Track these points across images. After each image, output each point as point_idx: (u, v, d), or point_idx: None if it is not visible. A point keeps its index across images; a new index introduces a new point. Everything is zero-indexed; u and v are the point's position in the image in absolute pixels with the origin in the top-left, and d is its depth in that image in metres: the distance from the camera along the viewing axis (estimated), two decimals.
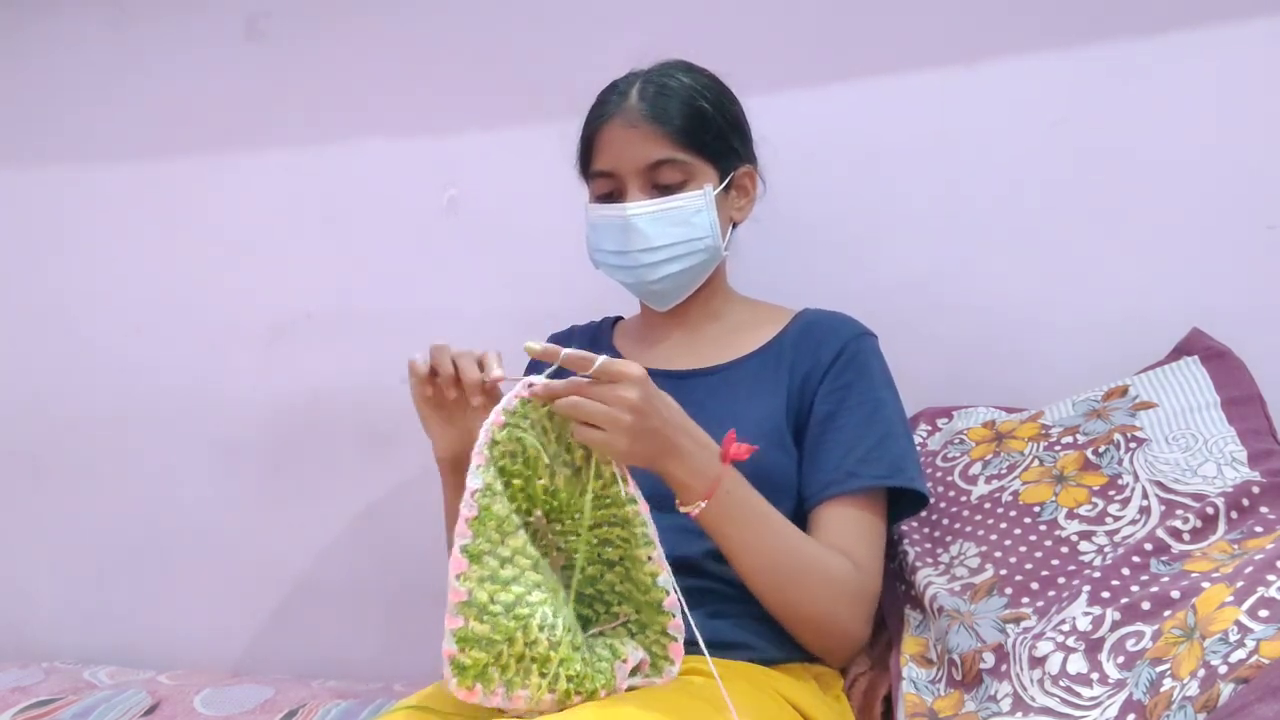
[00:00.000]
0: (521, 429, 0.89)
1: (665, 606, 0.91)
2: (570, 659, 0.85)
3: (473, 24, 1.59)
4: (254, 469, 1.69)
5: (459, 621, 0.84)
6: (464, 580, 0.84)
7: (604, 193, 1.16)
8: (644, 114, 1.11)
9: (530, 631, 0.84)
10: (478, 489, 0.87)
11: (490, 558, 0.86)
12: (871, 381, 1.13)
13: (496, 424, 0.89)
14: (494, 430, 0.89)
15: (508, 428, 0.89)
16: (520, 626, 0.84)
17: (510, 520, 0.87)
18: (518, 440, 0.89)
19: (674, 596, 0.91)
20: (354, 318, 1.65)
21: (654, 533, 0.92)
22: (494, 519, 0.86)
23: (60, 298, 1.79)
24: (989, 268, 1.38)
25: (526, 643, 0.84)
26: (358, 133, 1.64)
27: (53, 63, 1.78)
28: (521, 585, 0.86)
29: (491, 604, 0.84)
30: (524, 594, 0.85)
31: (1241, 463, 1.03)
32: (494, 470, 0.88)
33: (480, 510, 0.86)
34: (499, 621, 0.84)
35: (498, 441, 0.88)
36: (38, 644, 1.76)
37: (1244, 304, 1.28)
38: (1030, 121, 1.37)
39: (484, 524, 0.86)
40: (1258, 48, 1.29)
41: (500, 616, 0.84)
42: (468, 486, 0.87)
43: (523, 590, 0.85)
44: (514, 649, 0.84)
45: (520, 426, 0.89)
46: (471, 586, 0.84)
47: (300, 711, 1.28)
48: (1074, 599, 0.95)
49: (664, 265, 1.14)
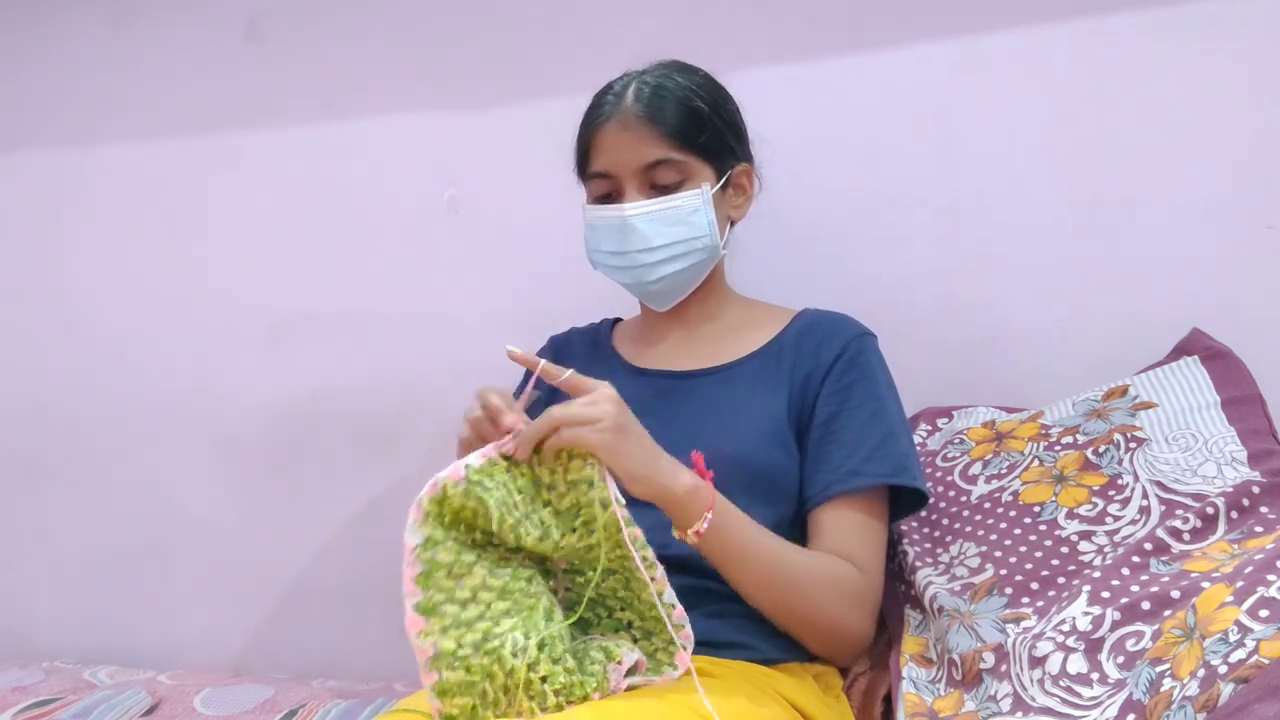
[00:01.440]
0: (485, 487, 0.86)
1: (675, 619, 0.90)
2: (553, 674, 0.85)
3: (473, 24, 1.59)
4: (254, 469, 1.69)
5: (434, 676, 0.83)
6: (425, 636, 0.83)
7: (602, 194, 1.16)
8: (640, 115, 1.11)
9: (505, 662, 0.83)
10: (417, 544, 0.84)
11: (448, 605, 0.84)
12: (873, 381, 1.13)
13: (452, 479, 0.85)
14: (447, 485, 0.85)
15: (471, 485, 0.85)
16: (494, 660, 0.83)
17: (459, 563, 0.85)
18: (478, 499, 0.85)
19: (680, 609, 0.90)
20: (354, 318, 1.65)
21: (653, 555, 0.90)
22: (441, 568, 0.84)
23: (60, 298, 1.79)
24: (989, 267, 1.38)
25: (505, 673, 0.83)
26: (357, 132, 1.64)
27: (53, 63, 1.79)
28: (487, 620, 0.85)
29: (459, 649, 0.83)
30: (490, 627, 0.84)
31: (1241, 463, 1.03)
32: (431, 522, 0.85)
33: (425, 565, 0.84)
34: (471, 662, 0.83)
35: (449, 497, 0.85)
36: (38, 644, 1.76)
37: (1244, 304, 1.28)
38: (1030, 121, 1.37)
39: (431, 577, 0.84)
40: (1258, 47, 1.29)
41: (471, 657, 0.83)
42: (406, 544, 0.84)
43: (488, 624, 0.84)
44: (496, 683, 0.84)
45: (484, 484, 0.86)
46: (435, 639, 0.83)
47: (300, 711, 1.28)
48: (1074, 599, 0.95)
49: (662, 265, 1.14)
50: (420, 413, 1.61)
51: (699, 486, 0.95)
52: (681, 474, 0.95)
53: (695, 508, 0.95)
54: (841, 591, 1.03)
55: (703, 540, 0.96)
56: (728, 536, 0.97)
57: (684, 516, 0.95)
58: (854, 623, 1.04)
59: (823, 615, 1.02)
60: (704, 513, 0.95)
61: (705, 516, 0.94)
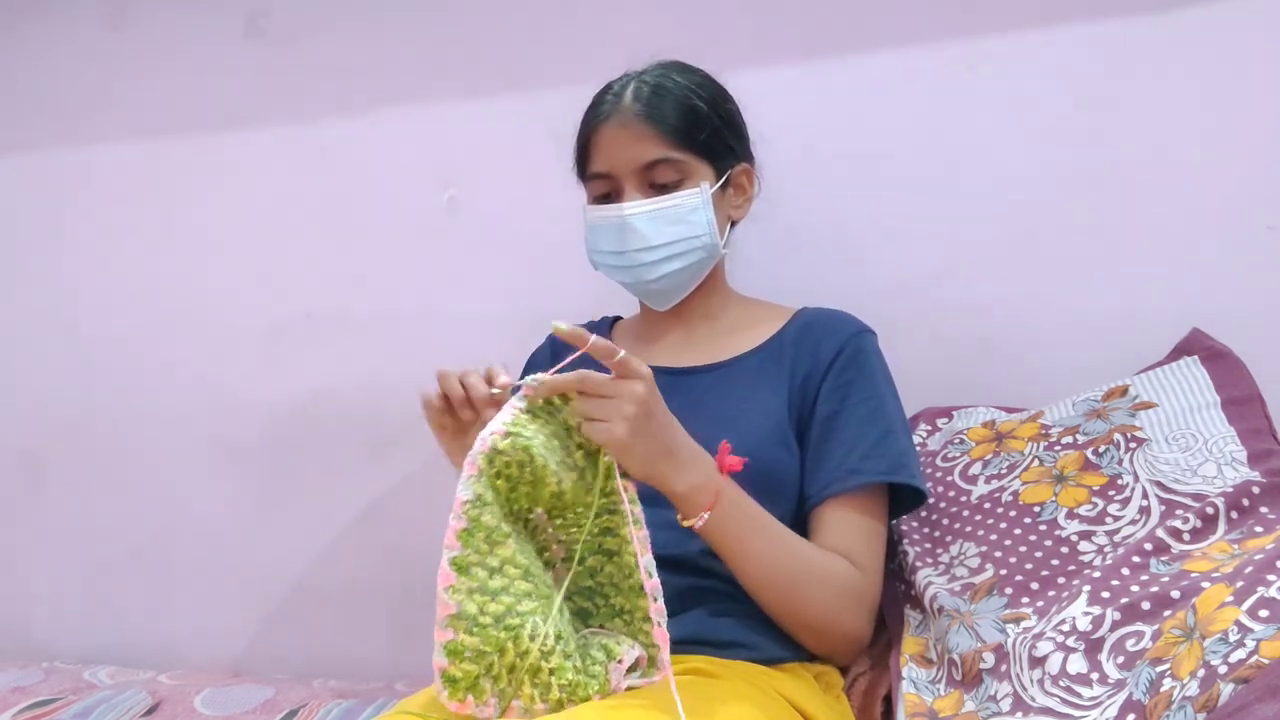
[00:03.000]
0: (525, 437, 0.87)
1: (646, 589, 0.89)
2: (562, 668, 0.84)
3: (472, 24, 1.59)
4: (254, 469, 1.69)
5: (449, 634, 0.83)
6: (453, 593, 0.83)
7: (601, 194, 1.16)
8: (639, 114, 1.11)
9: (521, 642, 0.83)
10: (468, 500, 0.85)
11: (479, 569, 0.84)
12: (873, 379, 1.13)
13: (498, 433, 0.87)
14: (495, 440, 0.86)
15: (511, 436, 0.87)
16: (511, 637, 0.83)
17: (499, 530, 0.86)
18: (524, 449, 0.87)
19: (655, 580, 0.89)
20: (354, 318, 1.65)
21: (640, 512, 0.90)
22: (483, 530, 0.85)
23: (61, 298, 1.79)
24: (989, 268, 1.38)
25: (518, 653, 0.83)
26: (358, 132, 1.64)
27: (52, 62, 1.79)
28: (511, 595, 0.85)
29: (481, 615, 0.83)
30: (513, 604, 0.84)
31: (1241, 463, 1.03)
32: (485, 480, 0.86)
33: (470, 522, 0.85)
34: (489, 633, 0.83)
35: (500, 450, 0.86)
36: (38, 644, 1.76)
37: (1244, 304, 1.28)
38: (1030, 122, 1.37)
39: (473, 535, 0.85)
40: (1258, 47, 1.29)
41: (490, 628, 0.83)
42: (457, 497, 0.85)
43: (512, 600, 0.84)
44: (505, 660, 0.83)
45: (524, 435, 0.87)
46: (461, 599, 0.83)
47: (300, 711, 1.28)
48: (1074, 599, 0.95)
49: (662, 264, 1.14)
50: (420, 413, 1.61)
51: (702, 486, 0.95)
52: (686, 474, 0.95)
53: (694, 504, 0.96)
54: (841, 589, 1.03)
55: (703, 531, 0.97)
56: (731, 532, 0.98)
57: (684, 510, 0.97)
58: (853, 621, 1.04)
59: (821, 613, 1.02)
60: (701, 511, 0.96)
61: (701, 515, 0.96)
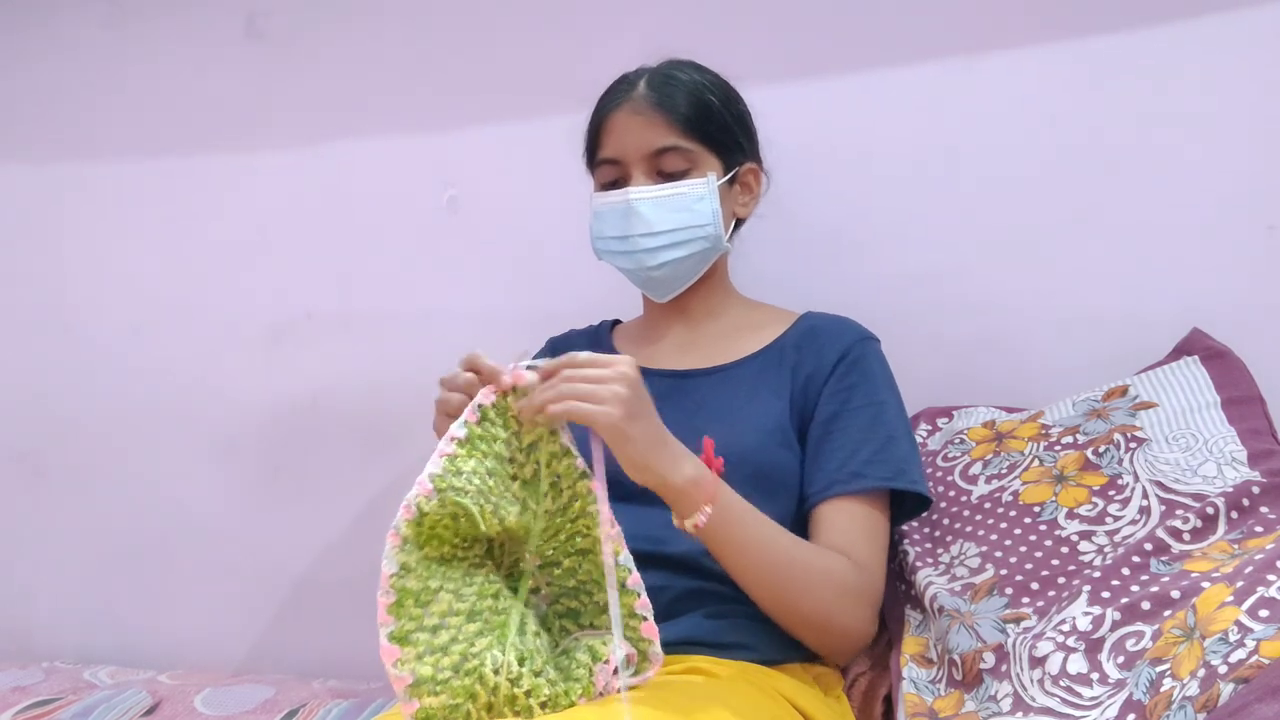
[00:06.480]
0: (456, 489, 0.84)
1: (629, 585, 0.87)
2: (537, 687, 0.84)
3: (472, 24, 1.59)
4: (254, 469, 1.69)
5: (414, 705, 0.82)
6: (402, 665, 0.82)
7: (609, 180, 1.16)
8: (651, 101, 1.13)
9: (487, 680, 0.82)
10: (392, 574, 0.83)
11: (419, 634, 0.83)
12: (875, 384, 1.13)
13: (424, 494, 0.83)
14: (420, 503, 0.83)
15: (440, 494, 0.83)
16: (476, 679, 0.82)
17: (426, 590, 0.84)
18: (454, 504, 0.84)
19: (636, 574, 0.87)
20: (354, 318, 1.65)
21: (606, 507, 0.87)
22: (410, 596, 0.83)
23: (60, 298, 1.79)
24: (989, 268, 1.38)
25: (488, 691, 0.82)
26: (358, 132, 1.64)
27: (51, 62, 1.78)
28: (461, 642, 0.83)
29: (439, 674, 0.82)
30: (466, 648, 0.83)
31: (1241, 463, 1.03)
32: (410, 547, 0.84)
33: (397, 594, 0.83)
34: (452, 685, 0.82)
35: (426, 514, 0.83)
36: (38, 644, 1.76)
37: (1244, 304, 1.28)
38: (1030, 121, 1.37)
39: (402, 606, 0.83)
40: (1258, 47, 1.29)
41: (451, 680, 0.82)
42: (383, 571, 0.83)
43: (464, 645, 0.83)
44: (479, 703, 0.82)
45: (454, 485, 0.84)
46: (412, 667, 0.82)
47: (300, 711, 1.28)
48: (1074, 599, 0.95)
49: (664, 251, 1.14)
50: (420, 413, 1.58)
51: (699, 479, 0.93)
52: (683, 465, 0.92)
53: (694, 500, 0.93)
54: (839, 585, 1.02)
55: (701, 532, 0.94)
56: (728, 530, 0.96)
57: (683, 508, 0.93)
58: (852, 617, 1.03)
59: (821, 611, 1.02)
60: (703, 505, 0.93)
61: (704, 510, 0.93)
